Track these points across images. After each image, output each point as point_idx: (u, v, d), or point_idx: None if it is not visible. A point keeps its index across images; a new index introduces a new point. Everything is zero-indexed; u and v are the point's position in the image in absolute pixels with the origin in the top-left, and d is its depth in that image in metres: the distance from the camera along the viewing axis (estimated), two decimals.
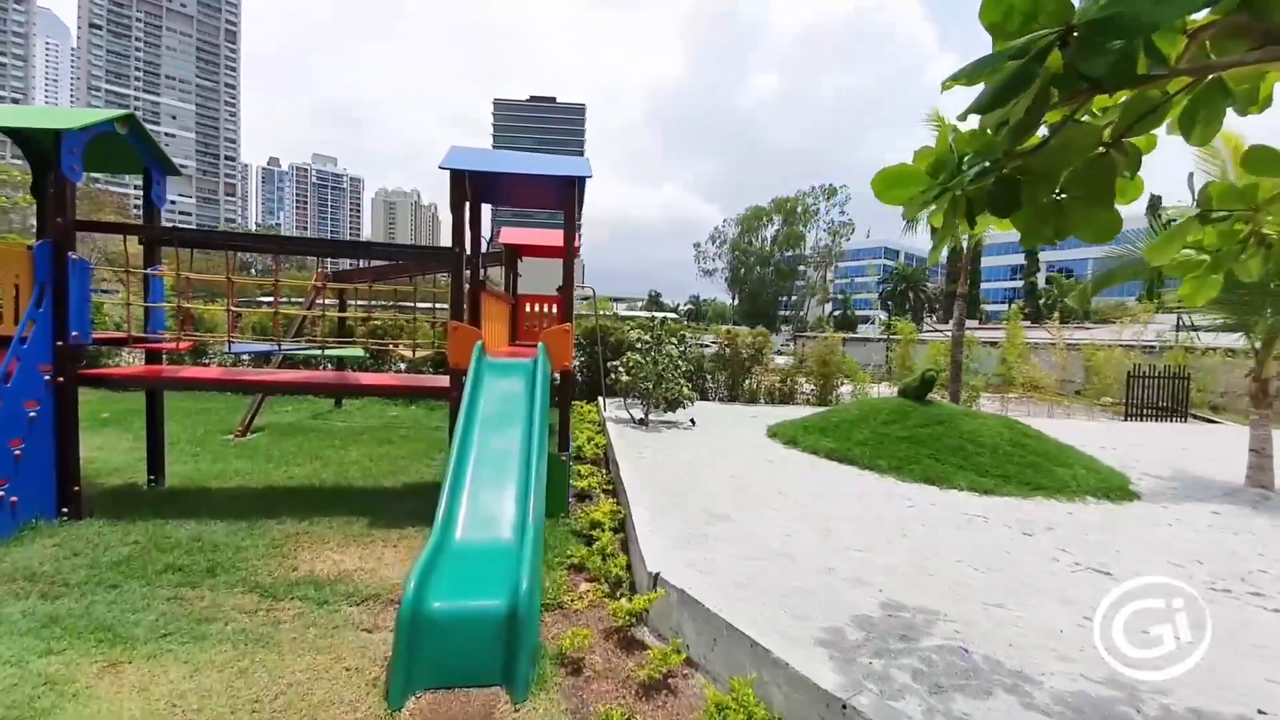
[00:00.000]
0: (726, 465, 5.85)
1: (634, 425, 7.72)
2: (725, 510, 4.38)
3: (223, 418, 8.38)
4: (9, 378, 4.08)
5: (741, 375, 10.92)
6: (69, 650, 2.82)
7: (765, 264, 64.77)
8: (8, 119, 4.85)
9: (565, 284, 4.80)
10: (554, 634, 3.09)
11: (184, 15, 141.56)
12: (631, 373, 7.78)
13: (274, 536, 4.30)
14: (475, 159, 4.88)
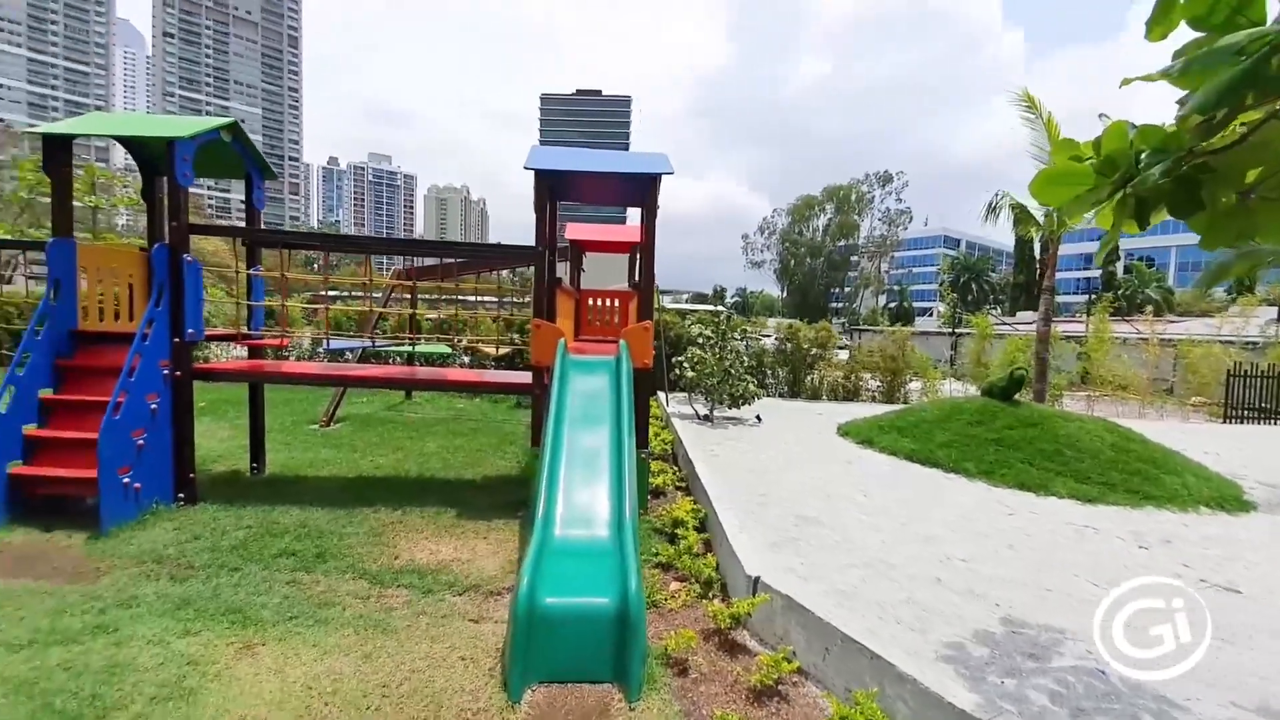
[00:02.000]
0: (803, 465, 5.74)
1: (699, 421, 7.68)
2: (813, 513, 4.29)
3: (305, 409, 8.81)
4: (133, 372, 4.38)
5: (803, 371, 10.70)
6: (205, 631, 3.01)
7: (816, 255, 63.10)
8: (125, 128, 5.20)
9: (645, 281, 4.79)
10: (653, 633, 3.10)
11: (249, 22, 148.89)
12: (696, 369, 7.73)
13: (372, 525, 4.49)
14: (557, 159, 4.92)
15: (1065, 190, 1.85)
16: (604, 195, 6.05)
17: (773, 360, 10.89)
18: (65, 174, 4.74)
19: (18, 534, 4.12)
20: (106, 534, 4.09)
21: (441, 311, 8.90)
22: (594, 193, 5.95)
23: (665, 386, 8.52)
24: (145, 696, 2.49)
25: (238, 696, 2.52)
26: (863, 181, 61.49)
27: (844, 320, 55.66)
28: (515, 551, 4.12)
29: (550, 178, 4.91)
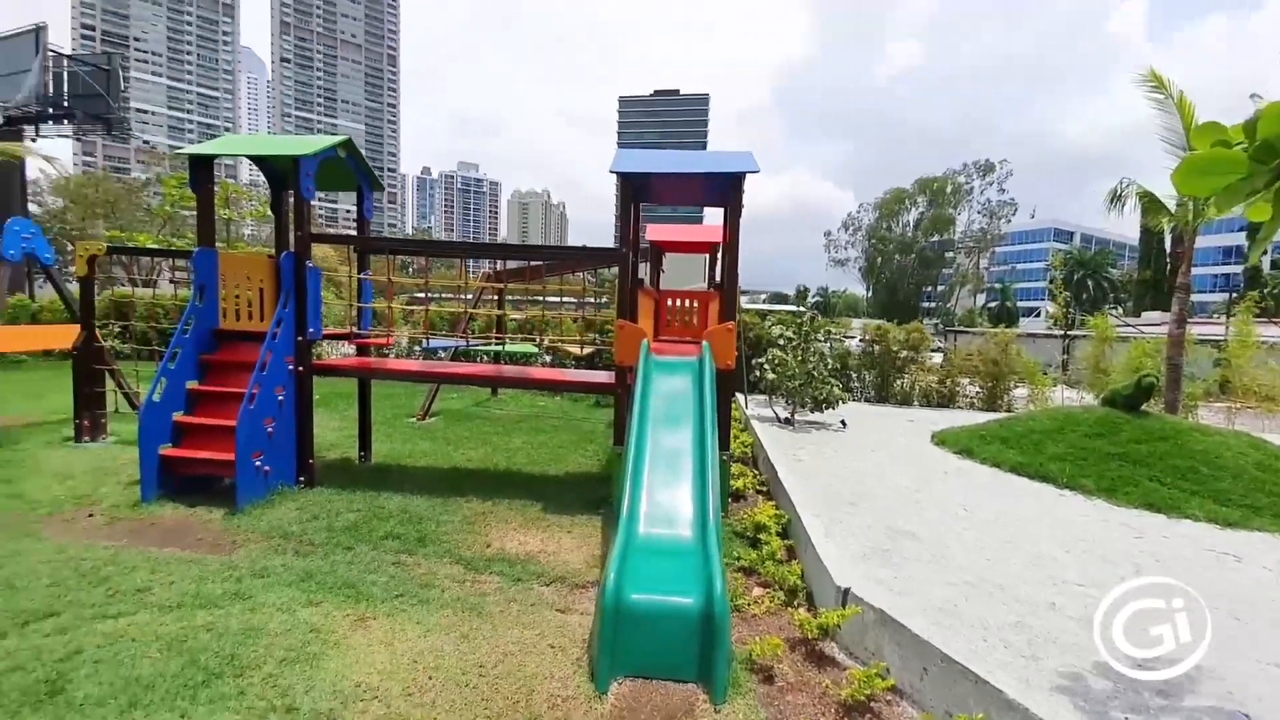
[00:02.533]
0: (895, 474, 5.47)
1: (779, 424, 7.51)
2: (907, 525, 4.08)
3: (404, 403, 9.45)
4: (264, 367, 4.88)
5: (892, 374, 10.18)
6: (325, 603, 3.31)
7: (906, 251, 59.24)
8: (258, 148, 5.81)
9: (728, 281, 4.75)
10: (736, 637, 3.06)
11: (354, 45, 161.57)
12: (777, 371, 7.56)
13: (465, 514, 4.75)
14: (642, 161, 4.99)
15: (1215, 179, 1.65)
16: (686, 195, 6.05)
17: (858, 363, 10.43)
18: (208, 190, 5.37)
19: (167, 509, 4.70)
20: (241, 511, 4.59)
21: (526, 312, 9.27)
22: (677, 193, 5.98)
23: (745, 388, 8.40)
24: (275, 659, 2.77)
25: (353, 664, 2.75)
26: (960, 172, 57.28)
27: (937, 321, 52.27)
28: (599, 547, 4.21)
29: (634, 180, 4.98)
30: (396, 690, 2.59)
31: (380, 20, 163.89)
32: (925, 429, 7.53)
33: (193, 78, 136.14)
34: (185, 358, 5.08)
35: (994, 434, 6.26)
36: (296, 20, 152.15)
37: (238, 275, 5.50)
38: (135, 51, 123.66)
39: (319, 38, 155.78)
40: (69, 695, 2.44)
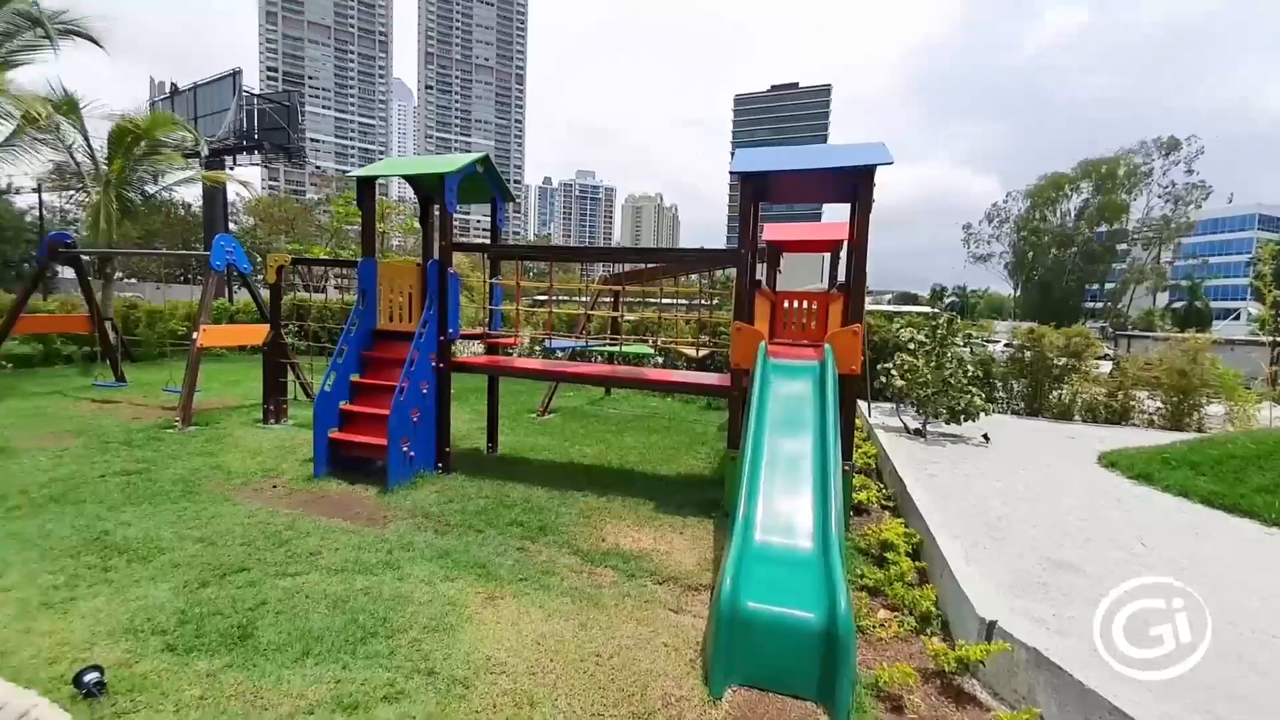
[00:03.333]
0: (1050, 498, 4.85)
1: (908, 436, 6.96)
2: (1068, 557, 3.59)
3: (525, 400, 10.03)
4: (412, 364, 5.42)
5: (1048, 384, 9.02)
6: (460, 580, 3.59)
7: (1065, 244, 51.06)
8: (411, 168, 6.44)
9: (856, 281, 4.49)
10: (860, 660, 2.88)
11: (487, 68, 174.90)
12: (906, 377, 7.02)
13: (581, 508, 4.93)
14: (764, 160, 4.87)
15: None
16: (809, 193, 5.82)
17: (1005, 370, 9.37)
18: (371, 207, 6.08)
19: (333, 484, 5.37)
20: (390, 490, 5.13)
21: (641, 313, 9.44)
22: (799, 191, 5.77)
23: (868, 396, 7.91)
24: (419, 625, 3.05)
25: (485, 639, 2.96)
26: (1136, 151, 48.74)
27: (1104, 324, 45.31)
28: (711, 550, 4.17)
29: (755, 180, 4.88)
30: (522, 668, 2.74)
31: (510, 43, 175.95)
32: (1090, 448, 6.59)
33: (354, 108, 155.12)
34: (350, 354, 5.78)
35: (1181, 458, 5.31)
36: (439, 50, 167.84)
37: (391, 281, 6.16)
38: (309, 88, 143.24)
39: (457, 64, 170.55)
40: (256, 640, 2.87)
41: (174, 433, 6.85)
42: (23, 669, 2.56)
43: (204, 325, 7.47)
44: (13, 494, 4.69)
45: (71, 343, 11.90)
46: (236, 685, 2.52)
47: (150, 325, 13.41)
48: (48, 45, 9.99)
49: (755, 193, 5.07)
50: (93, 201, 12.55)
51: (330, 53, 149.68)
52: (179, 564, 3.64)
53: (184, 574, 3.50)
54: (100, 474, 5.28)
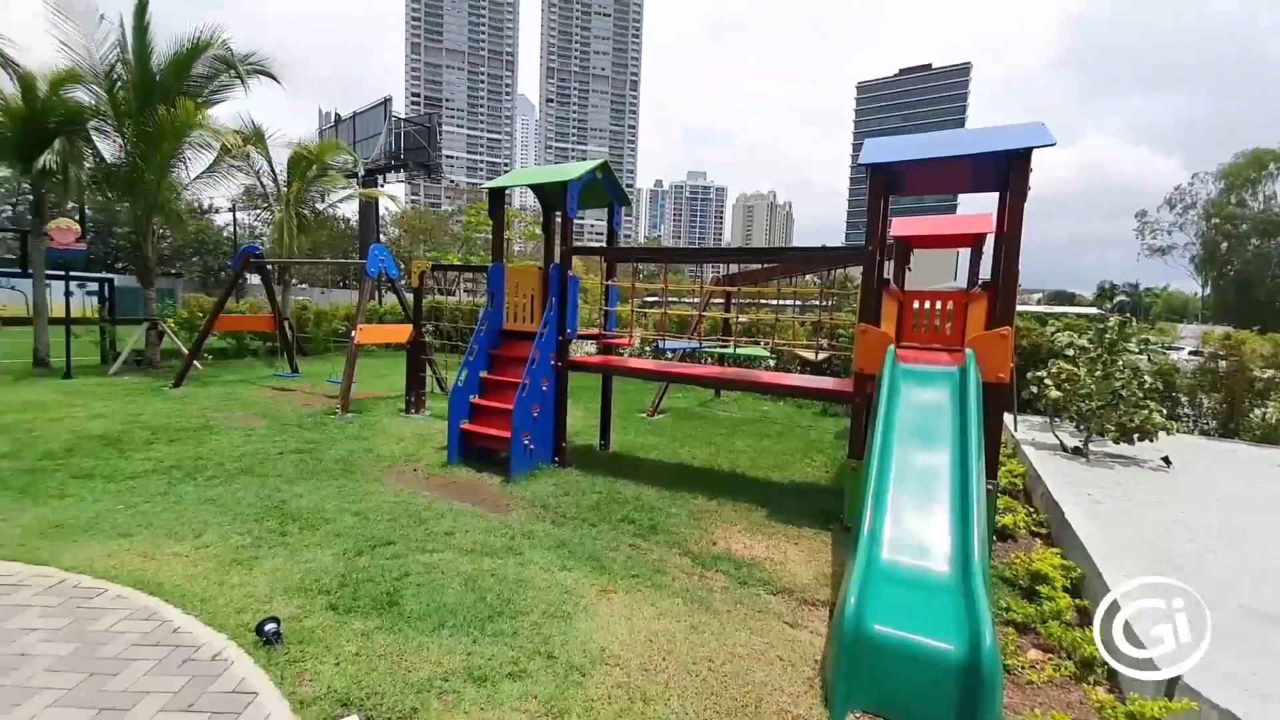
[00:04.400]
0: (1255, 536, 4.04)
1: (1065, 454, 6.14)
2: (1275, 609, 2.97)
3: (636, 399, 10.21)
4: (534, 362, 5.72)
5: (1248, 401, 7.53)
6: (576, 570, 3.72)
7: (1270, 233, 42.06)
8: (536, 178, 6.78)
9: (1006, 279, 4.03)
10: (1005, 703, 2.57)
11: (603, 77, 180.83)
12: (1064, 387, 6.19)
13: (692, 509, 4.91)
14: (899, 148, 4.54)
15: None
16: (949, 183, 5.34)
17: (1192, 382, 7.97)
18: (500, 215, 6.51)
19: (463, 471, 5.81)
20: (512, 480, 5.45)
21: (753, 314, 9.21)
22: (936, 181, 5.32)
23: (1014, 407, 7.10)
24: (539, 610, 3.20)
25: (599, 630, 3.03)
26: None
27: None
28: (829, 564, 3.96)
29: (886, 171, 4.57)
30: (635, 663, 2.78)
31: (625, 50, 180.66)
32: None
33: (483, 125, 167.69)
34: (480, 352, 6.24)
35: None
36: (559, 64, 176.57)
37: (515, 284, 6.55)
38: (446, 109, 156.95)
39: (575, 76, 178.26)
40: (400, 607, 3.16)
41: (335, 419, 7.80)
42: (217, 614, 3.03)
43: (360, 325, 8.43)
44: (212, 465, 5.58)
45: (257, 339, 14.01)
46: (385, 646, 2.79)
47: (317, 324, 15.43)
48: (239, 85, 11.85)
49: (885, 185, 4.74)
50: (276, 218, 14.71)
51: (464, 76, 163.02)
52: (340, 534, 4.12)
53: (343, 543, 3.96)
54: (279, 451, 6.13)
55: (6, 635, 2.74)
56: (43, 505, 4.44)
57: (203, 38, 10.93)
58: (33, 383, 9.61)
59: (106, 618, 2.92)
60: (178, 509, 4.47)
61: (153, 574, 3.43)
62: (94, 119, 11.09)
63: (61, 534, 3.95)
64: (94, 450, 5.89)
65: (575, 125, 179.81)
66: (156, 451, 5.95)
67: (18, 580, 3.25)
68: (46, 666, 2.53)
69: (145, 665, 2.57)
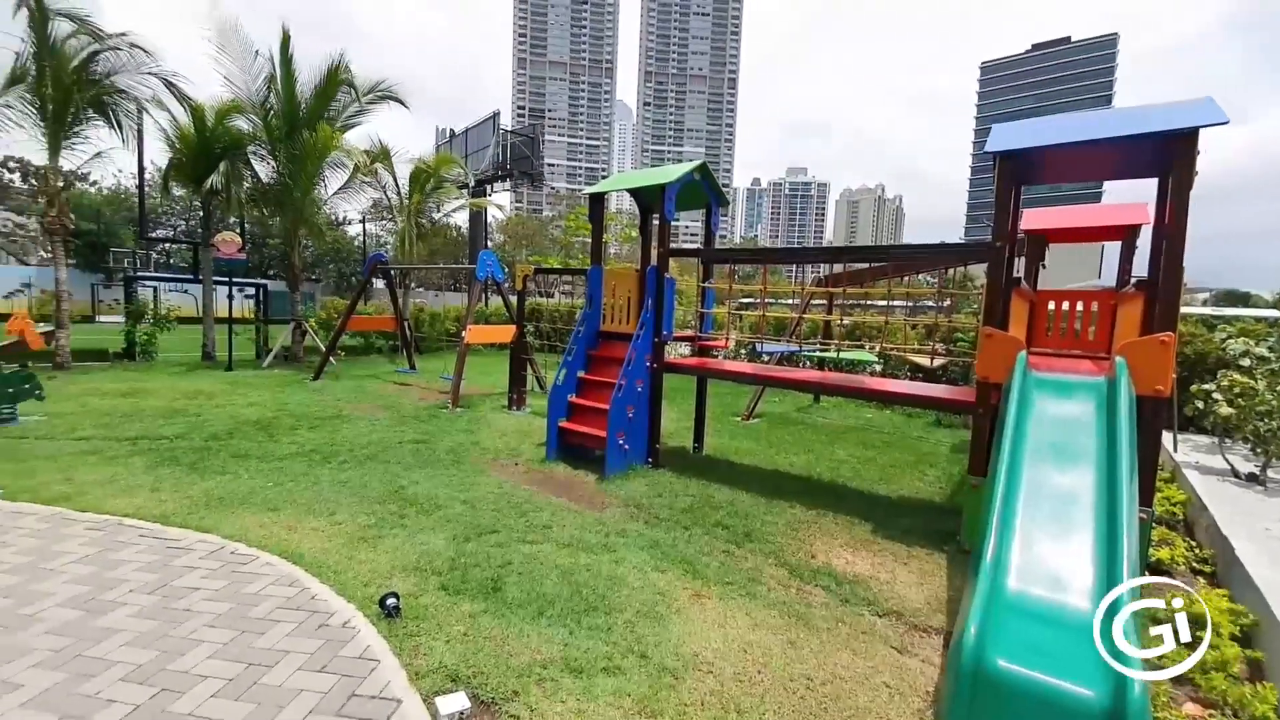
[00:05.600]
0: None
1: (1238, 482, 5.24)
2: None
3: (729, 402, 10.04)
4: (630, 363, 5.79)
5: None
6: (669, 572, 3.71)
7: None
8: (635, 181, 6.86)
9: (1168, 277, 3.50)
10: None
11: (700, 77, 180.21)
12: (1237, 403, 5.29)
13: (789, 519, 4.73)
14: (1032, 133, 4.10)
15: None
16: (1093, 169, 4.74)
17: None
18: (600, 219, 6.67)
19: (560, 467, 6.00)
20: (607, 479, 5.55)
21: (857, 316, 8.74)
22: (1078, 168, 4.74)
23: (1174, 425, 6.18)
24: (633, 609, 3.22)
25: (692, 635, 3.00)
26: None
27: None
28: (944, 589, 3.65)
29: (1018, 159, 4.15)
30: (728, 671, 2.71)
31: (723, 49, 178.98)
32: None
33: (582, 132, 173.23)
34: (578, 352, 6.42)
35: None
36: (657, 68, 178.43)
37: (613, 286, 6.68)
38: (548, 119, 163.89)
39: (672, 78, 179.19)
40: (503, 594, 3.31)
41: (446, 413, 8.37)
42: (347, 586, 3.34)
43: (469, 326, 9.00)
44: (344, 451, 6.18)
45: (381, 337, 15.39)
46: (490, 629, 2.94)
47: (432, 324, 16.68)
48: (371, 110, 13.12)
49: (1017, 174, 4.30)
50: (399, 228, 16.09)
51: (565, 86, 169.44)
52: (450, 520, 4.41)
53: (453, 529, 4.23)
54: (399, 441, 6.68)
55: (177, 592, 3.19)
56: (209, 480, 5.14)
57: (334, 65, 12.18)
58: (201, 374, 11.20)
59: (257, 582, 3.32)
60: (315, 489, 4.99)
61: (295, 545, 3.85)
62: (251, 144, 12.74)
63: (223, 505, 4.55)
64: (250, 434, 6.74)
65: (672, 127, 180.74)
66: (300, 437, 6.70)
67: (186, 545, 3.78)
68: (206, 622, 2.92)
69: (287, 627, 2.88)
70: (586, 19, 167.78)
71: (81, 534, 3.86)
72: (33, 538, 3.75)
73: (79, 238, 20.63)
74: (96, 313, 22.38)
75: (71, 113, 10.59)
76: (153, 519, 4.19)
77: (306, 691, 2.41)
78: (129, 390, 8.95)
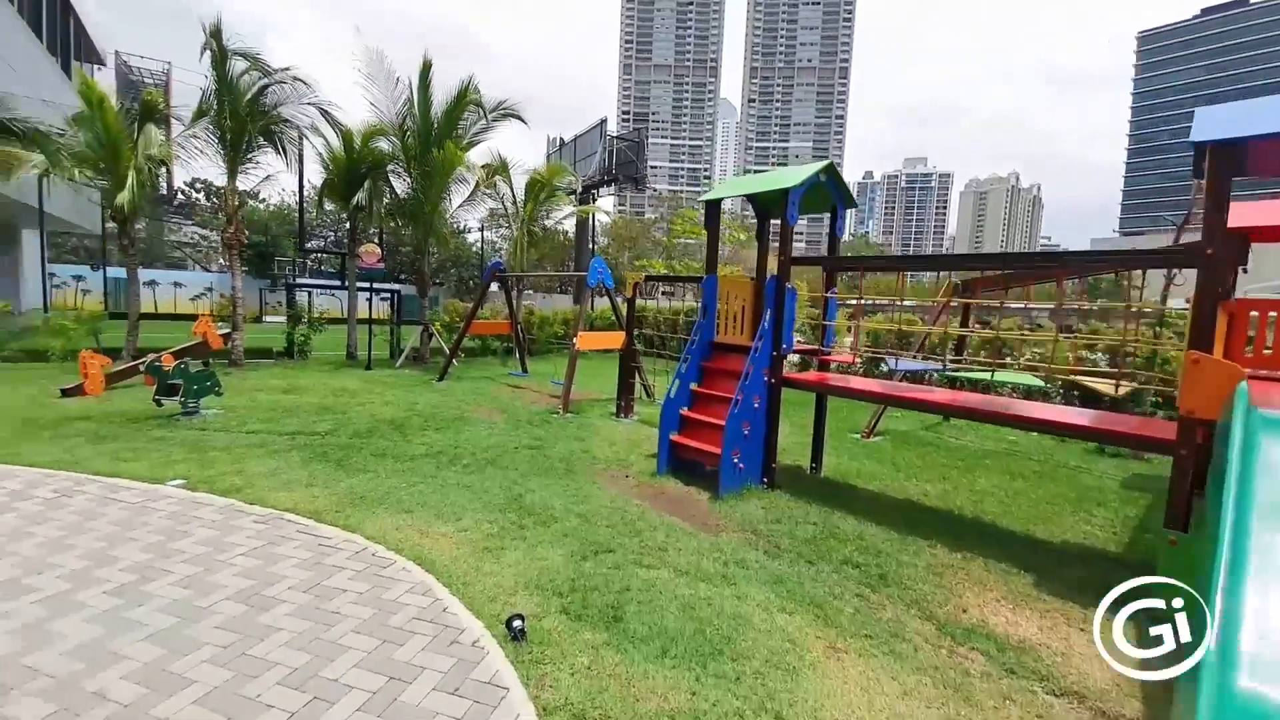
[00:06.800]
0: None
1: None
2: None
3: (845, 416, 9.40)
4: (747, 377, 5.53)
5: None
6: (797, 615, 3.42)
7: None
8: (754, 186, 6.58)
9: None
10: None
11: (809, 69, 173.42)
12: None
13: (930, 561, 4.25)
14: (1262, 116, 3.35)
15: None
16: None
17: None
18: (715, 227, 6.46)
19: (671, 482, 5.86)
20: (721, 498, 5.34)
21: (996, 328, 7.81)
22: None
23: None
24: (760, 657, 2.99)
25: (831, 696, 2.71)
26: None
27: None
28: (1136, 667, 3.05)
29: (1235, 149, 3.41)
30: None
31: (834, 38, 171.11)
32: None
33: (685, 133, 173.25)
34: (692, 364, 6.27)
35: None
36: (763, 63, 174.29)
37: (726, 295, 6.44)
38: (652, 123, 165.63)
39: (779, 72, 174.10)
40: (625, 624, 3.21)
41: (557, 418, 8.57)
42: (474, 599, 3.41)
43: (580, 333, 9.16)
44: (466, 454, 6.47)
45: (496, 340, 16.22)
46: (613, 665, 2.85)
47: (541, 328, 17.33)
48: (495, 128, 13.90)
49: (1231, 165, 3.54)
50: (514, 235, 16.89)
51: (669, 89, 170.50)
52: (567, 534, 4.42)
53: (570, 544, 4.23)
54: (515, 446, 6.90)
55: (327, 593, 3.42)
56: (353, 477, 5.58)
57: (464, 86, 13.00)
58: (345, 372, 12.38)
59: (395, 588, 3.48)
60: (443, 491, 5.24)
61: (427, 550, 4.03)
62: (391, 163, 13.92)
63: (364, 504, 4.89)
64: (386, 433, 7.28)
65: (777, 123, 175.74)
66: (428, 438, 7.13)
67: (335, 544, 4.07)
68: (353, 627, 3.08)
69: (422, 640, 2.98)
70: (692, 20, 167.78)
71: (249, 526, 4.29)
72: (209, 528, 4.23)
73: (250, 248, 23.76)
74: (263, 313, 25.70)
75: (245, 140, 12.15)
76: (307, 514, 4.59)
77: (442, 716, 2.44)
78: (288, 387, 10.08)
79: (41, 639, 2.86)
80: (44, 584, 3.36)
